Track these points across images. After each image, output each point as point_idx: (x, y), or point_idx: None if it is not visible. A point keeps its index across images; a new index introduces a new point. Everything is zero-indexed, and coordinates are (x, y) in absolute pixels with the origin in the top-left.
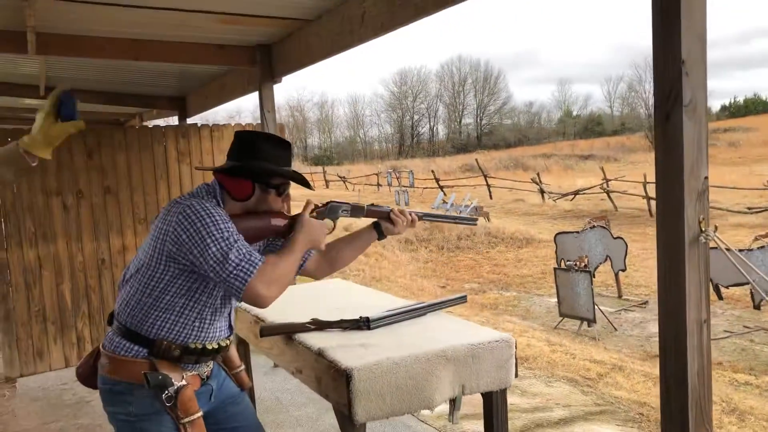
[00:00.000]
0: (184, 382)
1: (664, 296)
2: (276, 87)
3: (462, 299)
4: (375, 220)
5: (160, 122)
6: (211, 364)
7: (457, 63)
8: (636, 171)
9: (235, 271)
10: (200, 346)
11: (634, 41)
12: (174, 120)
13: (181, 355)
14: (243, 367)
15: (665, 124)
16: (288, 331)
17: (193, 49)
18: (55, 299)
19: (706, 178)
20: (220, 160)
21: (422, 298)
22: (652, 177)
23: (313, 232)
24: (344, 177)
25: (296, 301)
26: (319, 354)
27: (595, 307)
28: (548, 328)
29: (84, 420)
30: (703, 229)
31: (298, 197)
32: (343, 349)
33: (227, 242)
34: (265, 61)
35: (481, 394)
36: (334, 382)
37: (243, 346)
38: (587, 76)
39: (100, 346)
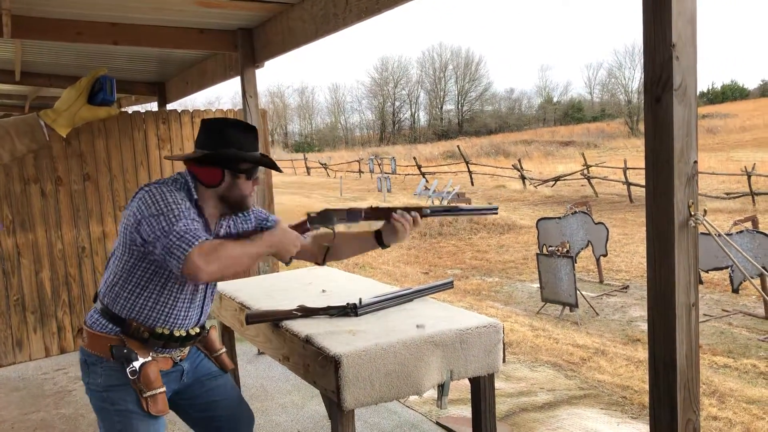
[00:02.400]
0: (149, 359)
1: (653, 280)
2: (257, 73)
3: (449, 285)
4: (377, 228)
5: (139, 108)
6: (185, 349)
7: (438, 49)
8: (616, 157)
9: (177, 241)
10: (167, 332)
11: (615, 27)
12: (153, 106)
13: (149, 339)
14: (224, 350)
15: (655, 107)
16: (274, 319)
17: (173, 34)
18: (34, 288)
19: (696, 162)
20: None
21: (406, 284)
22: (632, 163)
23: (283, 239)
24: (325, 164)
25: (281, 288)
26: (307, 341)
27: (577, 292)
28: (531, 313)
29: (66, 410)
30: (693, 213)
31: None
32: (331, 335)
33: (176, 217)
34: (247, 46)
35: (469, 379)
36: (323, 369)
37: (228, 333)
38: (567, 62)
39: (83, 322)
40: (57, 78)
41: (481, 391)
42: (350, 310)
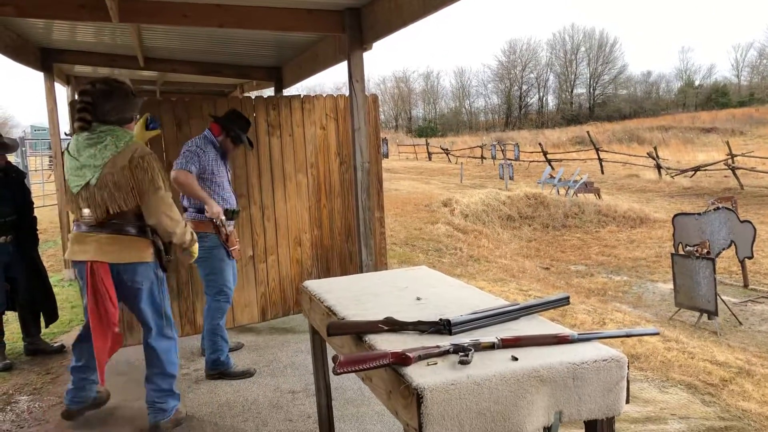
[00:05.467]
0: (231, 228)
1: None
2: (380, 58)
3: (563, 301)
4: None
5: (260, 94)
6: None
7: (569, 30)
8: (766, 145)
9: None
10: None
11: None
12: (270, 92)
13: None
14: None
15: None
16: (357, 331)
17: (279, 15)
18: None
19: None
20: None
21: (523, 280)
22: None
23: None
24: (447, 149)
25: (372, 292)
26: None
27: (717, 298)
28: (662, 319)
29: None
30: None
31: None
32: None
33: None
34: (355, 27)
35: (584, 423)
36: (404, 401)
37: (317, 335)
38: (711, 42)
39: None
40: (178, 63)
41: None
42: (443, 328)
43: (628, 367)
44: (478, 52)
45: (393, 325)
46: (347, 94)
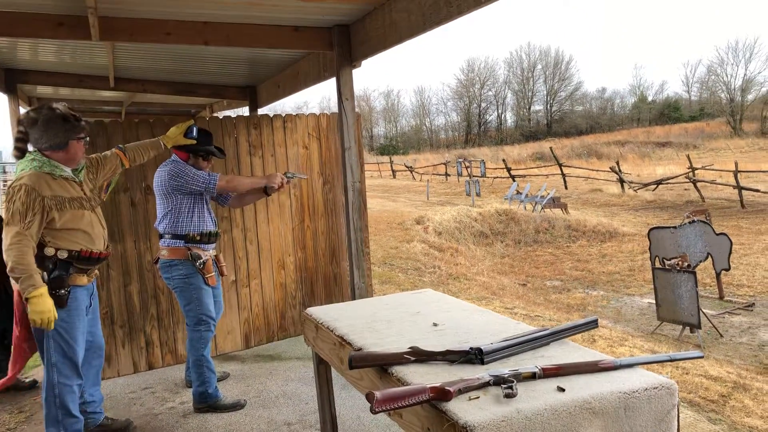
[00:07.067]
0: (207, 257)
1: None
2: (353, 73)
3: (592, 324)
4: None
5: (230, 113)
6: (215, 246)
7: (526, 49)
8: (718, 159)
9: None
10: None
11: (715, 23)
12: (244, 111)
13: (201, 239)
14: (224, 264)
15: None
16: (382, 363)
17: (266, 32)
18: (123, 301)
19: None
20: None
21: (505, 298)
22: (742, 165)
23: (272, 177)
24: (411, 167)
25: (384, 318)
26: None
27: (700, 311)
28: (645, 333)
29: None
30: None
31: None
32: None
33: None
34: (344, 44)
35: None
36: None
37: (323, 365)
38: (663, 60)
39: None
40: (150, 83)
41: None
42: (474, 357)
43: (677, 395)
44: (438, 71)
45: (420, 356)
46: (317, 112)
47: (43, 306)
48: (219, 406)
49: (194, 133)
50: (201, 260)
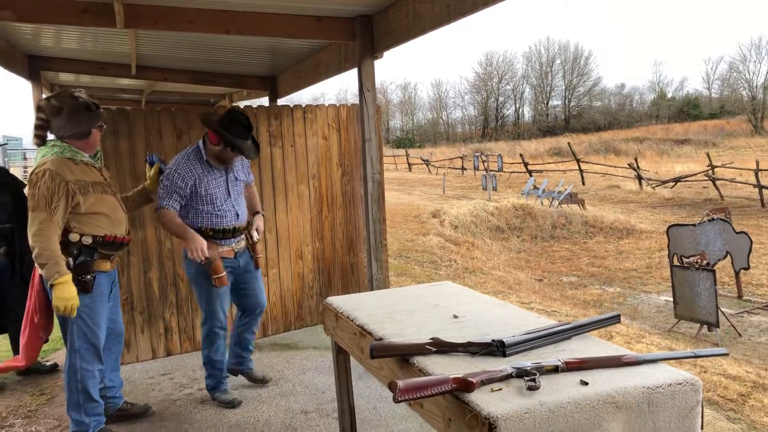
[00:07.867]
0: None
1: None
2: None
3: (614, 319)
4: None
5: (250, 103)
6: (239, 241)
7: (545, 43)
8: (738, 157)
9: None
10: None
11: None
12: (264, 101)
13: (213, 234)
14: (261, 255)
15: None
16: (404, 353)
17: (288, 22)
18: (142, 287)
19: None
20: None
21: (521, 293)
22: (762, 164)
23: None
24: (427, 160)
25: (404, 309)
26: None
27: (718, 309)
28: (662, 330)
29: (170, 422)
30: None
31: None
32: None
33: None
34: (366, 34)
35: None
36: (471, 431)
37: (342, 354)
38: (683, 56)
39: None
40: (171, 72)
41: None
42: (496, 349)
43: (702, 391)
44: (455, 64)
45: (441, 347)
46: (336, 103)
47: (67, 293)
48: (251, 376)
49: (152, 158)
50: (207, 259)
